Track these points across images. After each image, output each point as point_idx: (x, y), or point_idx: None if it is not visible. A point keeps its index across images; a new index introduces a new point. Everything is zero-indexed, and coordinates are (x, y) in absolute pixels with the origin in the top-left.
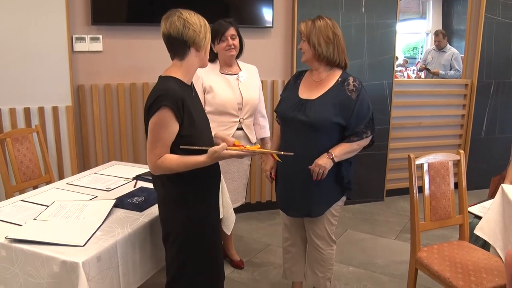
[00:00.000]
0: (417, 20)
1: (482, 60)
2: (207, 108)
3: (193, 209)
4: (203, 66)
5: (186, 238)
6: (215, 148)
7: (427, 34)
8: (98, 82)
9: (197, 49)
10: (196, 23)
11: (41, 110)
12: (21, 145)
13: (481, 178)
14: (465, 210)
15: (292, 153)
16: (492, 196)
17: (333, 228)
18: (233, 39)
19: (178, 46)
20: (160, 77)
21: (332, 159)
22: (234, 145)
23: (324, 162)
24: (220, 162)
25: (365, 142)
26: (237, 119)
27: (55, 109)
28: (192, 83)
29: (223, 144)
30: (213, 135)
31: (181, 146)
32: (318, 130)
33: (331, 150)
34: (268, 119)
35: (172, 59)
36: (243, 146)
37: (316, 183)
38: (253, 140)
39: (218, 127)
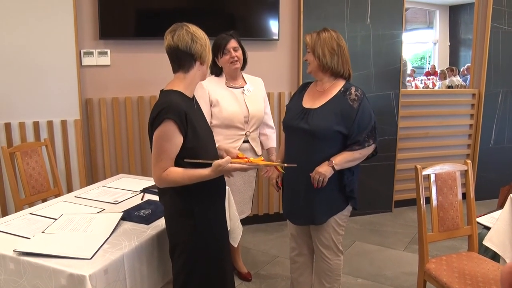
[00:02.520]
0: (425, 30)
1: (490, 69)
2: (214, 122)
3: (199, 221)
4: (203, 79)
5: (192, 250)
6: (219, 161)
7: (435, 43)
8: (106, 96)
9: (202, 63)
10: (202, 37)
11: (50, 123)
12: (30, 159)
13: (490, 188)
14: (473, 221)
15: (295, 165)
16: (501, 206)
17: (340, 238)
18: (235, 51)
19: (185, 59)
20: (162, 91)
21: (333, 167)
22: (237, 157)
23: (324, 170)
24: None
25: (367, 151)
26: (244, 132)
27: (63, 123)
28: (193, 96)
29: (227, 158)
30: (217, 147)
31: (185, 160)
32: (319, 138)
33: (332, 158)
34: (275, 130)
35: (175, 72)
36: (246, 158)
37: (319, 191)
38: (259, 152)
39: (224, 140)
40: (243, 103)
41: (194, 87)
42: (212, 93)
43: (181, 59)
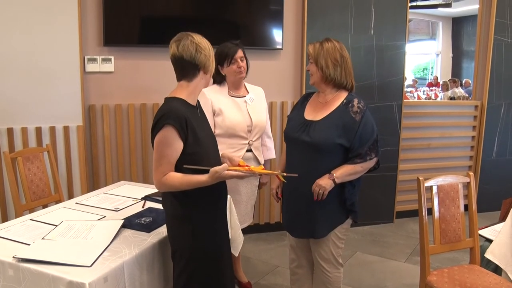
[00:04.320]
0: (427, 41)
1: (492, 81)
2: (217, 131)
3: (198, 227)
4: (206, 86)
5: (191, 255)
6: (216, 168)
7: (437, 55)
8: (109, 102)
9: (205, 72)
10: (206, 47)
11: (52, 129)
12: (32, 164)
13: (492, 200)
14: (475, 233)
15: (296, 174)
16: (503, 219)
17: (340, 251)
18: (242, 61)
19: (189, 69)
20: (165, 98)
21: (333, 180)
22: (239, 165)
23: (324, 183)
24: (228, 183)
25: (369, 164)
26: (247, 141)
27: (66, 129)
28: (198, 104)
29: (224, 165)
30: (220, 155)
31: (184, 166)
32: (321, 151)
33: (333, 171)
34: (274, 140)
35: (179, 80)
36: (247, 166)
37: (319, 204)
38: (262, 161)
39: (227, 149)
40: (246, 112)
41: (197, 95)
42: (215, 103)
43: (185, 69)
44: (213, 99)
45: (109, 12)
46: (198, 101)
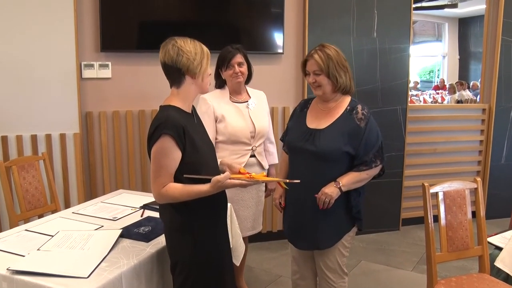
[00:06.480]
0: (433, 42)
1: (500, 83)
2: (219, 138)
3: (199, 238)
4: (202, 92)
5: (192, 267)
6: (218, 177)
7: (444, 57)
8: (106, 109)
9: (192, 76)
10: (190, 50)
11: (48, 137)
12: (27, 173)
13: (502, 207)
14: (484, 241)
15: (299, 181)
16: None
17: (345, 259)
18: (240, 66)
19: (174, 74)
20: (160, 106)
21: (340, 188)
22: (239, 172)
23: (330, 191)
24: (234, 190)
25: (374, 171)
26: (250, 147)
27: (62, 136)
28: (193, 111)
29: (226, 174)
30: (219, 162)
31: (184, 175)
32: (327, 160)
33: (339, 179)
34: (276, 145)
35: (171, 87)
36: (248, 173)
37: (325, 214)
38: (266, 166)
39: (230, 155)
40: (248, 118)
41: (191, 102)
42: (217, 109)
43: (171, 74)
44: (215, 105)
45: (106, 17)
46: (194, 107)
